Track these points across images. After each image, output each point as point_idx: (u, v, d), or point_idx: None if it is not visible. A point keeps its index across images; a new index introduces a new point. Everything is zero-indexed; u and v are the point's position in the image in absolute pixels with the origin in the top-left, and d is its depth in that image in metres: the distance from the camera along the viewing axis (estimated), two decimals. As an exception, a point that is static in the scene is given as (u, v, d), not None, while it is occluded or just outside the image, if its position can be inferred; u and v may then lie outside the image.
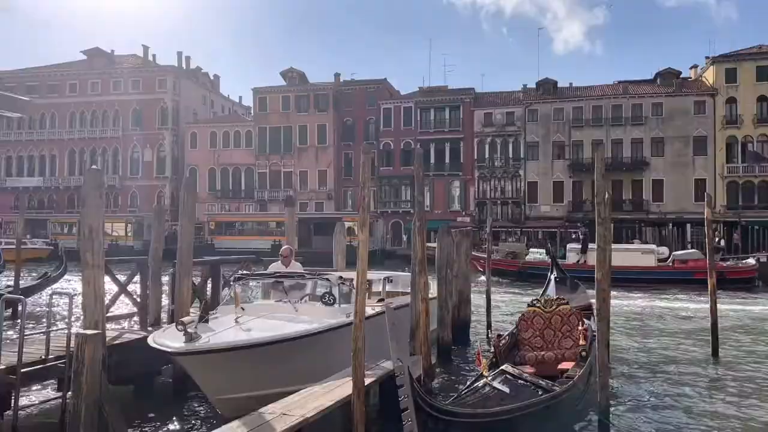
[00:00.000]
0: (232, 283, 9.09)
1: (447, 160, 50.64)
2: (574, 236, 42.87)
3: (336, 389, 6.49)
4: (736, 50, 46.02)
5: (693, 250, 29.96)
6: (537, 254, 30.32)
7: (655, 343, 12.81)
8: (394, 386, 4.96)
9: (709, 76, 46.47)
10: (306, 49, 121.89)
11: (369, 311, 9.02)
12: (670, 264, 27.36)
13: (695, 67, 50.50)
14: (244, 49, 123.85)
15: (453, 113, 50.91)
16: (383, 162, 51.92)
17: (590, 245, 29.04)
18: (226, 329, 7.17)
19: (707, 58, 47.60)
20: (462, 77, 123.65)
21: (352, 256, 7.79)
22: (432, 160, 50.37)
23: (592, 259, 27.62)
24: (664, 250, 29.50)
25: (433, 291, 11.46)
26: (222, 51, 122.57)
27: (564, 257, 29.32)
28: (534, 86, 50.78)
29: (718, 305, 11.43)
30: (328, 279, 8.75)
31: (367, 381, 6.46)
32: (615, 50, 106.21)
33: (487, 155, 49.75)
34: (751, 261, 27.88)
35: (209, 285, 11.08)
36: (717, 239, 36.51)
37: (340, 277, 8.74)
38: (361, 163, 6.50)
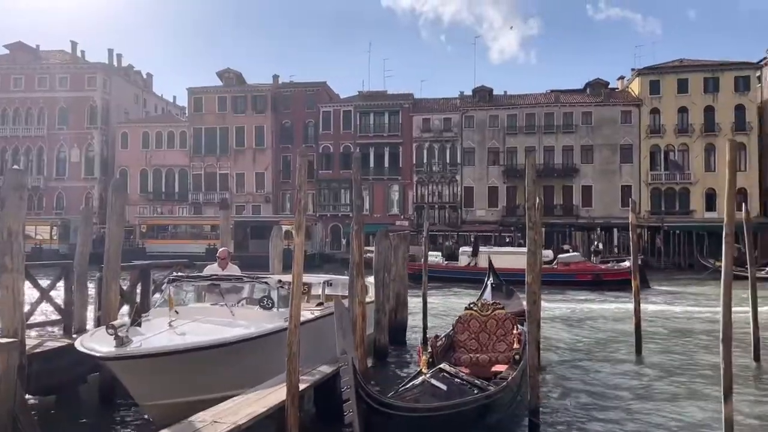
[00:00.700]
0: (166, 284, 8.82)
1: (386, 164, 50.98)
2: (508, 240, 44.05)
3: (270, 395, 6.40)
4: (659, 63, 48.49)
5: (575, 254, 31.36)
6: (432, 257, 30.66)
7: (583, 344, 13.28)
8: (330, 390, 4.96)
9: (635, 88, 48.74)
10: (244, 50, 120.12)
11: (308, 315, 8.96)
12: (555, 266, 28.40)
13: (622, 78, 52.84)
14: (178, 48, 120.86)
15: (392, 118, 51.31)
16: (322, 165, 51.75)
17: (481, 248, 30.13)
18: (159, 333, 6.94)
19: (633, 70, 49.93)
20: (401, 82, 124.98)
21: (289, 259, 7.72)
22: (371, 164, 50.59)
23: (482, 261, 28.94)
24: (549, 254, 30.72)
25: (371, 295, 11.52)
26: (156, 49, 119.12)
27: (457, 260, 30.51)
28: (470, 93, 51.84)
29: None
30: (266, 282, 8.61)
31: (302, 386, 6.41)
32: (548, 60, 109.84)
33: (425, 160, 50.41)
34: (627, 264, 29.30)
35: (138, 290, 10.72)
36: (596, 243, 38.12)
37: (279, 281, 8.62)
38: (297, 165, 6.45)
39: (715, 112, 45.80)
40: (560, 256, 29.86)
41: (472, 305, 9.95)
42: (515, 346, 8.52)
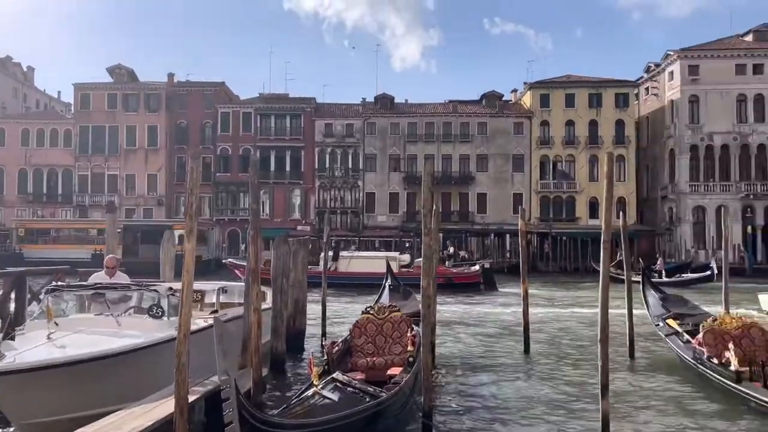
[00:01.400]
0: (43, 295, 8.22)
1: (288, 168, 50.43)
2: (408, 245, 44.86)
3: (157, 408, 6.12)
4: (549, 78, 51.37)
5: None
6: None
7: (475, 345, 13.75)
8: (221, 401, 4.84)
9: (527, 101, 51.34)
10: (137, 46, 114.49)
11: (201, 324, 8.66)
12: (412, 270, 29.50)
13: (515, 91, 55.50)
14: (64, 41, 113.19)
15: (294, 121, 50.87)
16: (220, 168, 50.35)
17: (342, 253, 30.75)
18: (36, 346, 6.47)
19: (525, 83, 52.58)
20: (304, 86, 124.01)
21: (181, 266, 7.42)
22: (272, 168, 49.87)
23: (342, 266, 29.58)
24: (406, 258, 31.89)
25: (268, 301, 11.33)
26: (39, 41, 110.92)
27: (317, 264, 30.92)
28: (373, 100, 52.44)
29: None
30: (156, 290, 8.25)
31: (192, 397, 6.19)
32: (447, 70, 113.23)
33: (327, 165, 50.37)
34: (476, 267, 31.04)
35: (12, 301, 9.91)
36: (449, 247, 39.84)
37: (170, 288, 8.28)
38: (189, 167, 6.24)
39: (598, 126, 49.14)
40: (418, 260, 30.68)
41: (369, 309, 10.05)
42: (409, 348, 8.68)
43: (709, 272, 31.36)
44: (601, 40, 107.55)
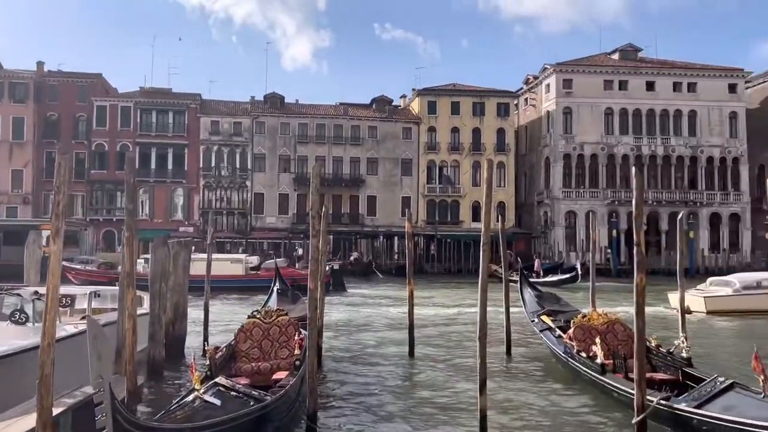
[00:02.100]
0: None
1: (170, 166, 48.24)
2: (298, 247, 44.49)
3: (16, 423, 5.60)
4: (436, 86, 52.98)
5: (279, 260, 32.73)
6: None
7: (361, 347, 13.84)
8: (90, 413, 4.53)
9: (415, 106, 52.66)
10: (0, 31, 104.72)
11: (71, 330, 8.07)
12: (259, 273, 29.82)
13: (404, 96, 56.73)
14: None
15: (178, 118, 48.76)
16: (95, 164, 47.26)
17: (192, 256, 30.33)
18: None
19: (414, 90, 53.89)
20: (189, 82, 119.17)
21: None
22: (153, 166, 47.54)
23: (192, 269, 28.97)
24: (254, 260, 32.21)
25: (146, 306, 10.77)
26: None
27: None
28: (262, 99, 51.48)
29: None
30: (18, 294, 7.58)
31: (58, 410, 5.72)
32: (339, 72, 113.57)
33: (213, 164, 48.76)
34: (326, 268, 31.74)
35: None
36: (297, 249, 40.42)
37: (36, 292, 7.64)
38: (56, 163, 5.77)
39: (481, 133, 51.36)
40: (267, 262, 30.79)
41: (255, 313, 9.85)
42: (296, 351, 8.59)
43: (573, 273, 33.79)
44: (485, 50, 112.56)
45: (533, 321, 12.86)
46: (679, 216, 14.75)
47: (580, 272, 33.25)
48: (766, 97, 50.71)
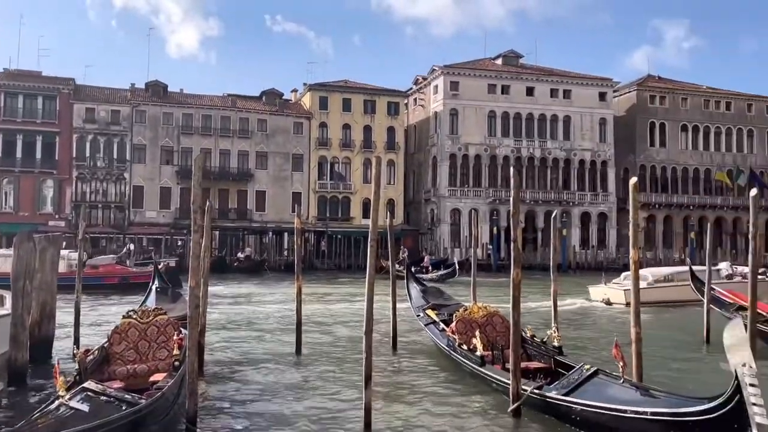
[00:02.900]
0: None
1: (38, 155, 44.55)
2: (180, 243, 42.68)
3: None
4: (328, 81, 52.86)
5: (106, 257, 31.51)
6: None
7: (246, 346, 13.52)
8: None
9: (307, 101, 52.23)
10: None
11: None
12: (85, 269, 28.79)
13: (296, 91, 56.08)
14: None
15: (48, 103, 45.11)
16: (-50, 151, 42.67)
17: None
18: None
19: (305, 84, 53.42)
20: (61, 65, 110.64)
21: None
22: (19, 154, 43.81)
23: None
24: (74, 255, 31.14)
25: (8, 306, 9.89)
26: None
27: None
28: (143, 87, 48.84)
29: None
30: None
31: None
32: (227, 63, 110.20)
33: (88, 154, 45.63)
34: (150, 266, 31.32)
35: None
36: (128, 245, 39.82)
37: None
38: None
39: (372, 131, 51.91)
40: (92, 259, 29.64)
41: (131, 312, 9.35)
42: (175, 352, 8.24)
43: (452, 269, 35.22)
44: (377, 49, 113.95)
45: (419, 315, 13.19)
46: (553, 214, 15.71)
47: (458, 268, 34.79)
48: (631, 106, 55.30)
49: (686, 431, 6.04)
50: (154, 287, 14.17)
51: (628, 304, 20.98)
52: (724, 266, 24.22)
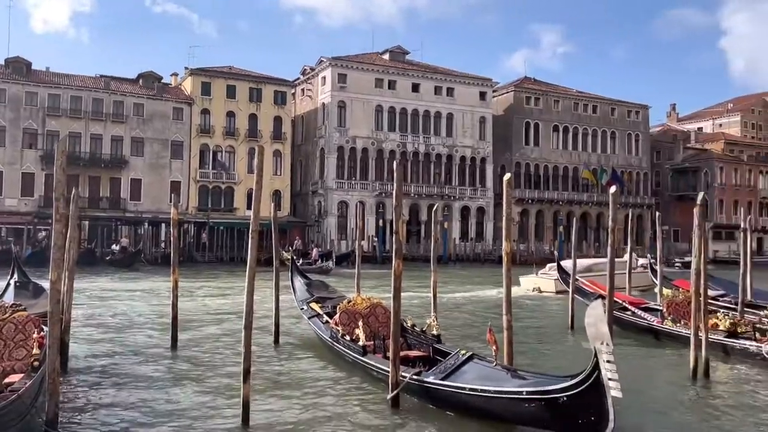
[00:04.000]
0: None
1: None
2: (43, 234, 39.41)
3: None
4: (212, 67, 50.99)
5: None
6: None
7: (117, 343, 12.73)
8: None
9: (188, 86, 50.04)
10: None
11: None
12: None
13: (176, 75, 53.58)
14: None
15: None
16: None
17: None
18: None
19: (186, 68, 51.17)
20: None
21: None
22: None
23: None
24: None
25: None
26: None
27: None
28: (2, 63, 44.48)
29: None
30: None
31: None
32: (101, 43, 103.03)
33: (-66, 134, 40.87)
34: None
35: None
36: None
37: None
38: None
39: (258, 120, 50.74)
40: None
41: (-18, 310, 8.48)
42: (35, 351, 7.59)
43: (327, 261, 35.45)
44: (265, 37, 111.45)
45: (302, 308, 13.11)
46: (435, 208, 16.19)
47: (333, 261, 35.24)
48: (508, 106, 58.23)
49: (551, 407, 6.49)
50: (12, 281, 13.00)
51: (558, 292, 22.31)
52: (643, 261, 26.51)
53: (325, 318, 11.85)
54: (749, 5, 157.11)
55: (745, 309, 13.76)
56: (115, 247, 39.01)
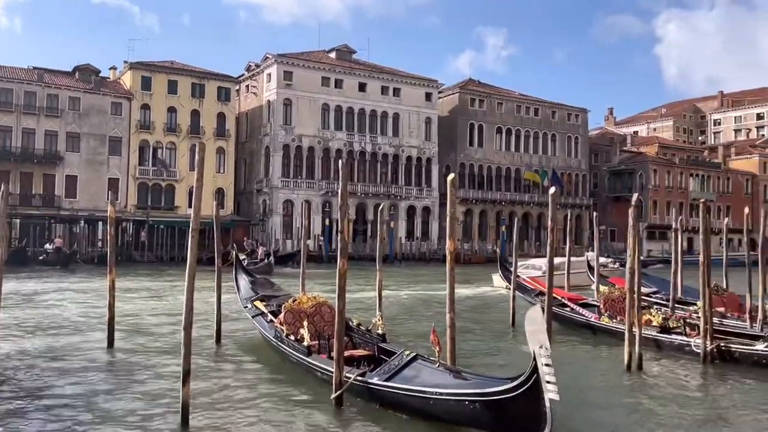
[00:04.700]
0: None
1: None
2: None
3: None
4: (153, 61, 49.58)
5: None
6: None
7: (47, 347, 12.16)
8: None
9: (127, 80, 48.49)
10: None
11: None
12: None
13: (114, 68, 51.84)
14: None
15: None
16: None
17: None
18: None
19: (126, 62, 49.56)
20: None
21: None
22: None
23: None
24: None
25: None
26: None
27: None
28: (-76, 50, 42.00)
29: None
30: None
31: None
32: (35, 33, 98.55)
33: None
34: None
35: None
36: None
37: None
38: None
39: (200, 116, 49.63)
40: None
41: None
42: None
43: (267, 260, 35.03)
44: (208, 32, 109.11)
45: (246, 307, 12.87)
46: (380, 207, 16.22)
47: (273, 259, 34.94)
48: (453, 107, 59.00)
49: (491, 409, 6.59)
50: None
51: None
52: (603, 260, 27.30)
53: (270, 317, 11.66)
54: (681, 15, 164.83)
55: (676, 305, 14.38)
56: (48, 247, 37.32)
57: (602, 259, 28.12)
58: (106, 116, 46.27)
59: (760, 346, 10.73)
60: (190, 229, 7.12)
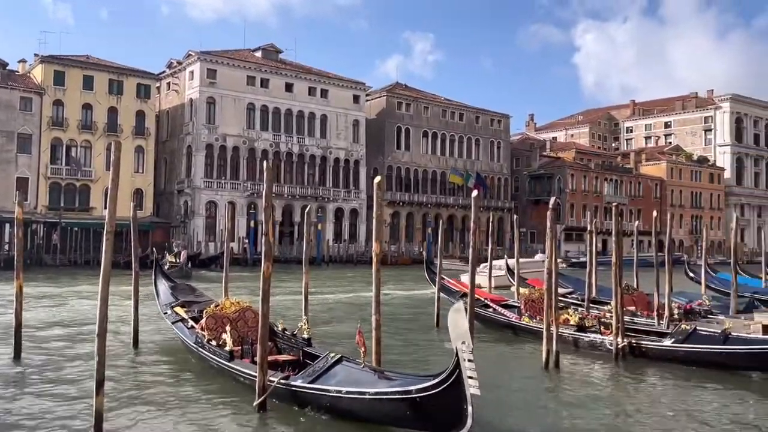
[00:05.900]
0: None
1: None
2: None
3: None
4: (67, 55, 47.06)
5: None
6: None
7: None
8: None
9: (38, 74, 45.80)
10: None
11: None
12: None
13: (24, 61, 48.89)
14: None
15: None
16: None
17: None
18: None
19: (37, 55, 46.86)
20: None
21: None
22: None
23: None
24: None
25: None
26: None
27: None
28: None
29: None
30: None
31: None
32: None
33: None
34: None
35: None
36: None
37: None
38: None
39: (118, 113, 47.51)
40: None
41: None
42: None
43: (181, 263, 33.92)
44: (128, 26, 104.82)
45: (166, 313, 12.44)
46: (307, 209, 16.08)
47: (189, 264, 33.96)
48: (381, 110, 59.35)
49: (415, 406, 6.66)
50: None
51: (496, 287, 22.81)
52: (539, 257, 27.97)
53: (191, 323, 11.33)
54: (597, 26, 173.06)
55: (591, 305, 15.04)
56: None
57: (538, 257, 29.16)
58: (14, 112, 43.50)
59: (666, 342, 11.40)
60: (105, 232, 6.81)
